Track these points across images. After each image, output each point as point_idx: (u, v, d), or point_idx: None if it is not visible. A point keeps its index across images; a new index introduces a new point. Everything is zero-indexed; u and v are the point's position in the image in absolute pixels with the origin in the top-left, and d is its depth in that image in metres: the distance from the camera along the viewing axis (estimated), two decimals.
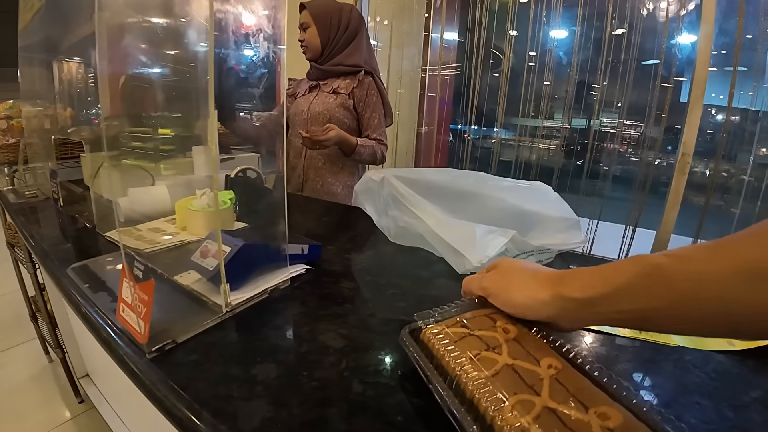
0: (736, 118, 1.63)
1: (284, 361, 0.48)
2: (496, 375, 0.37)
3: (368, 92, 1.49)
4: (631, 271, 0.37)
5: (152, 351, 0.50)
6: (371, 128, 1.51)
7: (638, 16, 1.78)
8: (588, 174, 1.92)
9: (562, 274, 0.43)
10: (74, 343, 1.65)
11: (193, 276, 0.67)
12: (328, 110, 1.47)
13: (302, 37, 1.49)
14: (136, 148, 1.07)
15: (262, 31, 0.73)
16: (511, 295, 0.45)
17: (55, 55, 1.37)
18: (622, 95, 1.84)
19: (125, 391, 1.12)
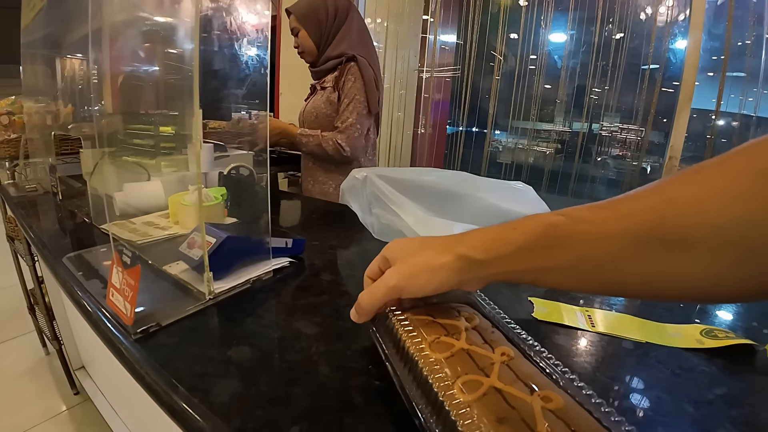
0: (733, 124, 1.66)
1: (258, 344, 0.51)
2: (450, 357, 0.40)
3: (345, 77, 1.41)
4: (530, 232, 0.38)
5: (137, 332, 0.53)
6: (338, 113, 1.43)
7: (635, 21, 1.81)
8: (577, 176, 1.95)
9: (457, 236, 0.44)
10: (70, 335, 1.68)
11: (181, 266, 0.70)
12: (315, 108, 1.46)
13: (296, 43, 1.46)
14: (134, 145, 1.10)
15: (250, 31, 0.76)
16: (420, 278, 0.43)
17: (57, 52, 1.40)
18: (615, 99, 1.86)
19: (119, 383, 1.16)
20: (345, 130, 1.40)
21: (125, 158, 1.11)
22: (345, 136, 1.40)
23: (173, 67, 0.91)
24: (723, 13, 1.55)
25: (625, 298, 0.78)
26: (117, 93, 1.00)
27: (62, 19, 1.21)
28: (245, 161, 1.18)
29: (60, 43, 1.34)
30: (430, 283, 0.43)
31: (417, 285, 0.43)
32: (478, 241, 0.41)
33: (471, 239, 0.42)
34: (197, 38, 0.52)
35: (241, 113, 1.51)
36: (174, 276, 0.68)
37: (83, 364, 1.74)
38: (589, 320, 0.67)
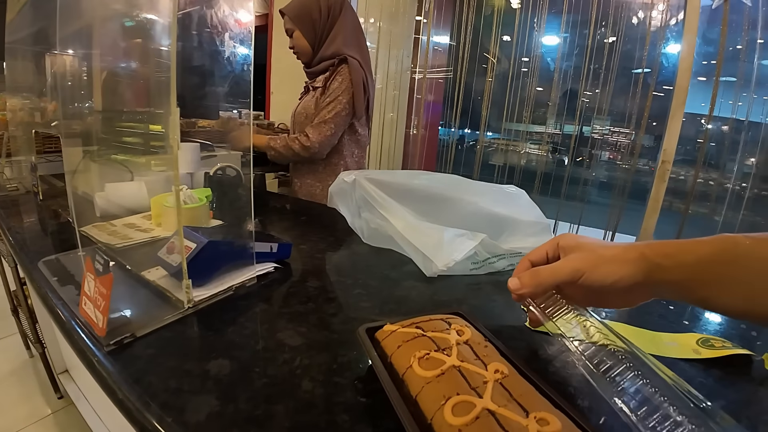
0: (725, 128, 1.66)
1: (238, 357, 0.48)
2: (441, 375, 0.38)
3: (333, 77, 1.39)
4: (714, 245, 0.40)
5: (110, 344, 0.51)
6: (317, 112, 1.39)
7: (625, 25, 1.81)
8: (569, 179, 1.94)
9: (647, 242, 0.46)
10: (54, 338, 1.64)
11: (160, 272, 0.67)
12: (305, 109, 1.44)
13: (291, 44, 1.44)
14: (117, 143, 1.07)
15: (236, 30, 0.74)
16: (605, 268, 0.45)
17: (41, 48, 1.36)
18: (608, 102, 1.86)
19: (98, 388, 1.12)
20: (317, 125, 1.37)
21: (108, 157, 1.07)
22: (316, 132, 1.36)
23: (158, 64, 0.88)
24: (717, 17, 1.55)
25: None
26: (101, 90, 0.97)
27: (46, 15, 1.18)
28: (233, 161, 1.16)
29: (44, 40, 1.30)
30: (611, 275, 0.44)
31: (600, 274, 0.45)
32: (662, 248, 0.43)
33: (655, 245, 0.44)
34: (174, 34, 0.50)
35: (230, 112, 1.48)
36: (152, 282, 0.65)
37: (67, 368, 1.70)
38: (584, 328, 0.65)
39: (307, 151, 1.37)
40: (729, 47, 1.55)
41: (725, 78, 1.58)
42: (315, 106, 1.41)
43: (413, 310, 0.64)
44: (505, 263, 0.83)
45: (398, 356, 0.42)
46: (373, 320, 0.50)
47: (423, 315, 0.50)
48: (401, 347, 0.43)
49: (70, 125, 1.25)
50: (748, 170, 1.68)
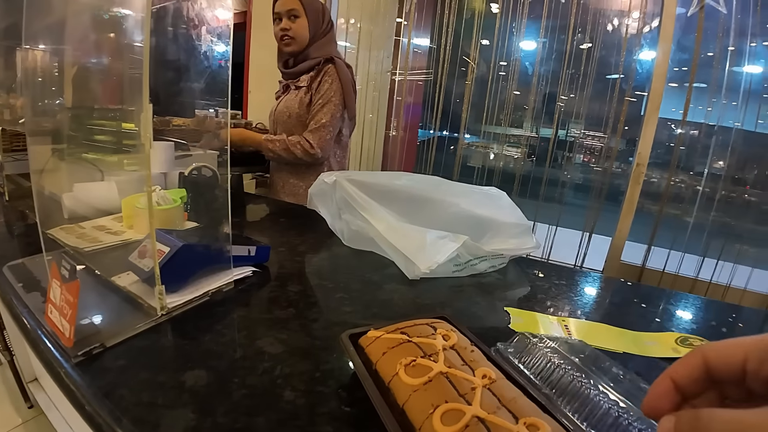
0: (695, 132, 1.71)
1: (216, 367, 0.46)
2: (428, 383, 0.37)
3: (322, 78, 1.36)
4: None
5: (78, 355, 0.48)
6: (312, 115, 1.37)
7: (602, 31, 1.84)
8: (547, 181, 1.97)
9: None
10: (23, 346, 1.57)
11: (132, 277, 0.64)
12: (288, 108, 1.40)
13: (288, 26, 1.35)
14: (87, 141, 1.02)
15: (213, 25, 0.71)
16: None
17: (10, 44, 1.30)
18: (585, 106, 1.89)
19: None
20: (317, 130, 1.35)
21: (77, 156, 1.03)
22: (317, 137, 1.35)
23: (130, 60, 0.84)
24: (692, 25, 1.60)
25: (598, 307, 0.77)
26: (71, 86, 0.93)
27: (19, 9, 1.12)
28: (209, 161, 1.12)
29: (15, 34, 1.24)
30: None
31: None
32: None
33: None
34: (148, 28, 0.47)
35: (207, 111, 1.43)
36: (123, 288, 0.62)
37: (36, 377, 1.62)
38: (566, 330, 0.65)
39: (311, 156, 1.37)
40: (701, 54, 1.60)
41: (697, 84, 1.63)
42: (299, 106, 1.39)
43: (397, 314, 0.64)
44: (486, 265, 0.83)
45: (384, 363, 0.41)
46: (356, 325, 0.49)
47: (407, 319, 0.49)
48: (387, 354, 0.42)
49: (39, 122, 1.19)
50: (718, 173, 1.74)
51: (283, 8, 1.35)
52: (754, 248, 1.70)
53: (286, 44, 1.38)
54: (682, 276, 1.73)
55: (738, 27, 1.58)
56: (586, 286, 0.86)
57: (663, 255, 1.77)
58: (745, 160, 1.75)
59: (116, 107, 1.00)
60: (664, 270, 1.76)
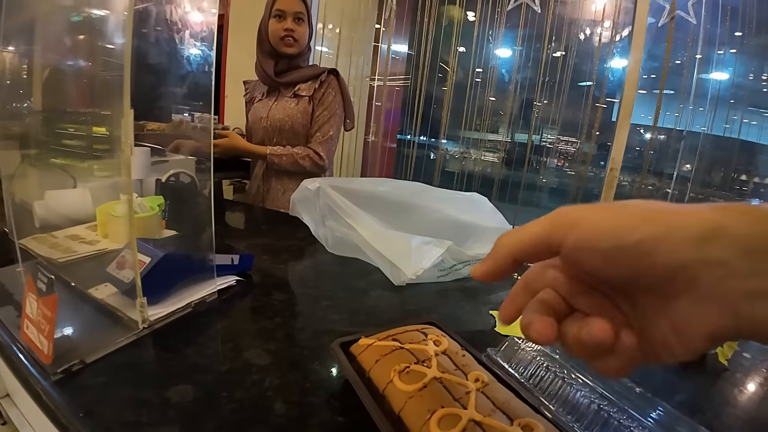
0: (662, 137, 1.78)
1: (202, 381, 0.45)
2: (423, 389, 0.37)
3: (326, 90, 1.38)
4: None
5: (57, 372, 0.46)
6: (318, 126, 1.38)
7: (575, 40, 1.90)
8: (525, 186, 2.01)
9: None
10: None
11: (110, 289, 0.62)
12: (290, 117, 1.37)
13: (293, 27, 1.32)
14: (59, 147, 0.98)
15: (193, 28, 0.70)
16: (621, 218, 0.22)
17: None
18: (560, 113, 1.94)
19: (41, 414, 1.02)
20: (325, 142, 1.38)
21: (48, 162, 0.99)
22: (325, 149, 1.38)
23: (105, 62, 0.82)
24: (662, 35, 1.66)
25: None
26: (41, 89, 0.89)
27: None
28: (186, 167, 1.10)
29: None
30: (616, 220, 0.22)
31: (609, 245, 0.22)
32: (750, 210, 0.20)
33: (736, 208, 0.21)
34: (130, 30, 0.46)
35: (182, 115, 1.40)
36: (101, 301, 0.60)
37: (8, 392, 1.55)
38: None
39: (319, 168, 1.39)
40: (671, 62, 1.67)
41: (666, 91, 1.69)
42: (302, 116, 1.37)
43: (384, 321, 0.64)
44: (470, 269, 0.83)
45: (377, 371, 0.41)
46: (344, 333, 0.49)
47: (394, 325, 0.50)
48: (380, 361, 0.42)
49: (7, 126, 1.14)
50: (686, 176, 1.81)
51: (289, 8, 1.32)
52: None
53: (288, 45, 1.34)
54: None
55: (707, 36, 1.65)
56: None
57: None
58: (713, 164, 1.82)
59: (88, 111, 0.97)
60: None
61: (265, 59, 1.39)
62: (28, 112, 0.91)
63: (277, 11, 1.33)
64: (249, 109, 1.52)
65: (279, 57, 1.38)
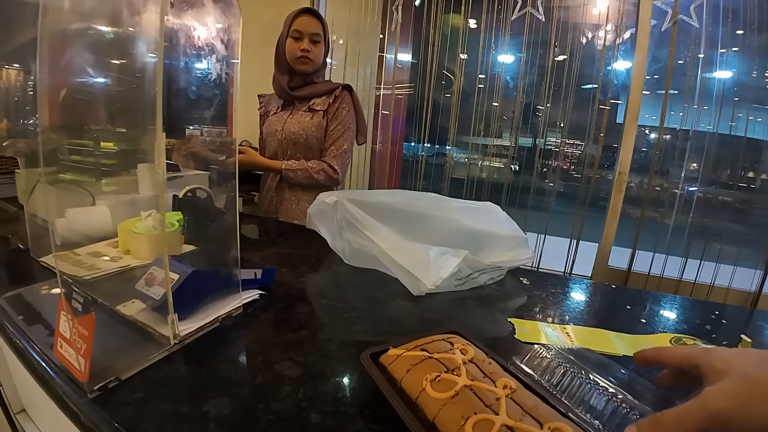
0: (668, 137, 1.79)
1: (238, 394, 0.46)
2: (455, 396, 0.39)
3: (340, 105, 1.42)
4: None
5: (94, 390, 0.47)
6: (332, 140, 1.43)
7: (578, 44, 1.91)
8: (535, 190, 2.02)
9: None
10: (8, 375, 1.51)
11: (138, 305, 0.63)
12: (304, 130, 1.40)
13: (309, 48, 1.38)
14: (77, 163, 1.01)
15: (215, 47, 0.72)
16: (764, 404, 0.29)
17: None
18: (564, 116, 1.95)
19: (65, 428, 1.03)
20: (339, 156, 1.42)
21: (67, 179, 1.01)
22: (339, 162, 1.42)
23: (124, 81, 0.84)
24: (665, 37, 1.68)
25: (594, 312, 0.80)
26: (59, 106, 0.92)
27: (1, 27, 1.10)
28: (202, 182, 1.12)
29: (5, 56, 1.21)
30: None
31: (757, 414, 0.29)
32: None
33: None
34: (161, 55, 0.48)
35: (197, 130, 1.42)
36: (130, 317, 0.62)
37: (24, 407, 1.56)
38: (568, 337, 0.68)
39: (333, 181, 1.43)
40: (677, 61, 1.68)
41: (671, 91, 1.71)
42: (317, 130, 1.41)
43: (406, 330, 0.65)
44: (486, 277, 0.84)
45: (409, 380, 0.42)
46: (369, 343, 0.50)
47: (417, 334, 0.51)
48: (411, 371, 0.43)
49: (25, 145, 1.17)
50: (694, 175, 1.82)
51: (306, 29, 1.37)
52: (732, 247, 1.78)
53: (302, 63, 1.39)
54: (666, 278, 1.79)
55: (709, 37, 1.67)
56: (580, 293, 0.89)
57: (647, 258, 1.83)
58: (719, 162, 1.83)
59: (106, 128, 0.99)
60: (650, 273, 1.81)
61: (282, 75, 1.44)
62: (46, 130, 0.93)
63: (294, 31, 1.37)
64: (263, 122, 1.54)
65: (294, 73, 1.43)
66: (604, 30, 1.81)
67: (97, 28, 0.78)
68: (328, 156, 1.42)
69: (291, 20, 1.38)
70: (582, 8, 1.89)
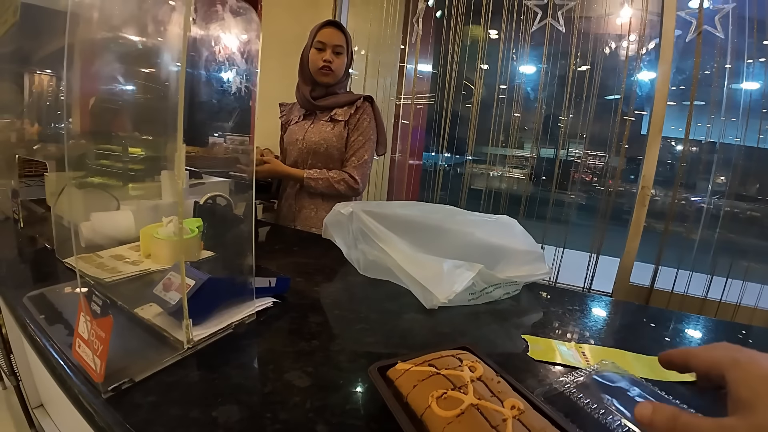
0: (695, 149, 1.74)
1: (247, 402, 0.47)
2: (461, 415, 0.38)
3: (361, 116, 1.44)
4: None
5: (108, 390, 0.48)
6: (353, 150, 1.44)
7: (600, 54, 1.89)
8: (554, 202, 1.98)
9: None
10: (29, 371, 1.56)
11: (155, 309, 0.65)
12: (325, 140, 1.42)
13: (331, 59, 1.40)
14: (104, 167, 1.04)
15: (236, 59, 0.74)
16: None
17: (26, 68, 1.32)
18: (586, 128, 1.93)
19: (80, 426, 1.06)
20: (360, 166, 1.44)
21: (93, 183, 1.04)
22: (360, 173, 1.44)
23: (152, 89, 0.87)
24: (690, 48, 1.64)
25: (612, 331, 0.78)
26: (88, 113, 0.95)
27: (34, 34, 1.15)
28: (222, 190, 1.14)
29: (30, 59, 1.26)
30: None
31: None
32: None
33: None
34: (183, 67, 0.49)
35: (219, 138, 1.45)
36: (147, 321, 0.63)
37: (42, 402, 1.61)
38: (584, 357, 0.66)
39: (354, 191, 1.45)
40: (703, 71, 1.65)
41: (696, 102, 1.66)
42: (338, 140, 1.43)
43: (418, 344, 0.65)
44: (501, 292, 0.83)
45: (415, 396, 0.42)
46: (380, 356, 0.50)
47: (428, 348, 0.51)
48: (417, 387, 0.43)
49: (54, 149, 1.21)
50: (720, 189, 1.76)
51: (330, 41, 1.40)
52: (760, 264, 1.71)
53: (325, 74, 1.42)
54: (690, 296, 1.73)
55: (735, 48, 1.63)
56: (598, 311, 0.87)
57: (670, 274, 1.77)
58: (747, 176, 1.77)
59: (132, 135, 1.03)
60: (673, 290, 1.76)
61: (305, 85, 1.47)
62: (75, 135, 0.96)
63: (318, 42, 1.40)
64: (285, 131, 1.57)
65: (316, 84, 1.45)
66: (627, 40, 1.79)
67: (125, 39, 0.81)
68: (349, 166, 1.44)
69: (315, 32, 1.41)
70: (604, 18, 1.87)
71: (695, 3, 1.65)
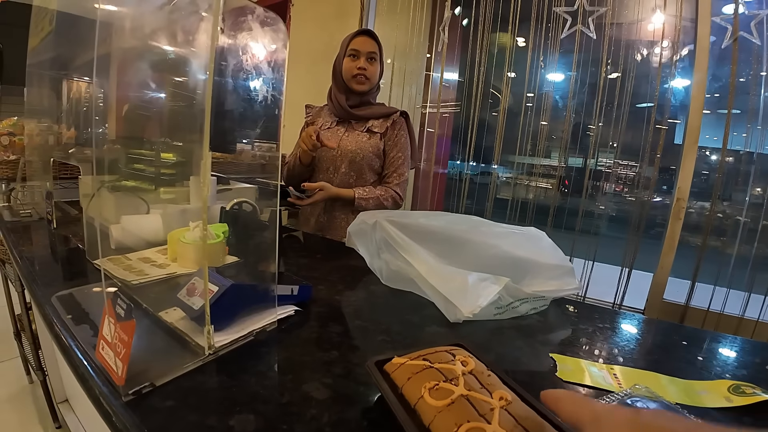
0: (731, 159, 1.66)
1: (263, 411, 0.46)
2: (451, 404, 0.40)
3: (399, 132, 1.48)
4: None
5: (129, 393, 0.48)
6: (394, 167, 1.48)
7: (632, 61, 1.83)
8: (583, 213, 1.92)
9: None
10: (55, 366, 1.61)
11: (178, 313, 0.65)
12: (361, 150, 1.44)
13: (365, 66, 1.42)
14: (135, 171, 1.07)
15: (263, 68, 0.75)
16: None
17: (62, 74, 1.38)
18: (617, 136, 1.87)
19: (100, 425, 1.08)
20: (402, 183, 1.50)
21: (125, 188, 1.07)
22: (402, 189, 1.49)
23: (181, 97, 0.89)
24: (726, 55, 1.58)
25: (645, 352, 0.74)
26: (121, 119, 0.98)
27: (70, 42, 1.20)
28: (248, 196, 1.15)
29: (66, 66, 1.32)
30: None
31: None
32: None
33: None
34: (211, 75, 0.50)
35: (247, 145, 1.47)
36: (170, 325, 0.64)
37: (66, 397, 1.66)
38: (615, 379, 0.63)
39: (398, 206, 1.50)
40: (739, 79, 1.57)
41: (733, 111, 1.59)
42: (374, 151, 1.45)
43: None
44: (528, 307, 0.81)
45: (409, 387, 0.44)
46: None
47: None
48: (411, 379, 0.45)
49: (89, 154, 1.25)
50: (758, 201, 1.67)
51: (364, 48, 1.42)
52: None
53: (360, 82, 1.44)
54: (726, 314, 1.64)
55: None
56: (631, 329, 0.83)
57: (706, 291, 1.69)
58: None
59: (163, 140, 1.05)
60: (709, 308, 1.67)
61: (339, 93, 1.48)
62: (109, 141, 0.99)
63: (351, 50, 1.42)
64: None
65: (351, 92, 1.47)
66: (660, 47, 1.73)
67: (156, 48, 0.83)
68: (392, 183, 1.48)
69: (348, 40, 1.44)
70: (636, 25, 1.82)
71: (730, 8, 1.58)
